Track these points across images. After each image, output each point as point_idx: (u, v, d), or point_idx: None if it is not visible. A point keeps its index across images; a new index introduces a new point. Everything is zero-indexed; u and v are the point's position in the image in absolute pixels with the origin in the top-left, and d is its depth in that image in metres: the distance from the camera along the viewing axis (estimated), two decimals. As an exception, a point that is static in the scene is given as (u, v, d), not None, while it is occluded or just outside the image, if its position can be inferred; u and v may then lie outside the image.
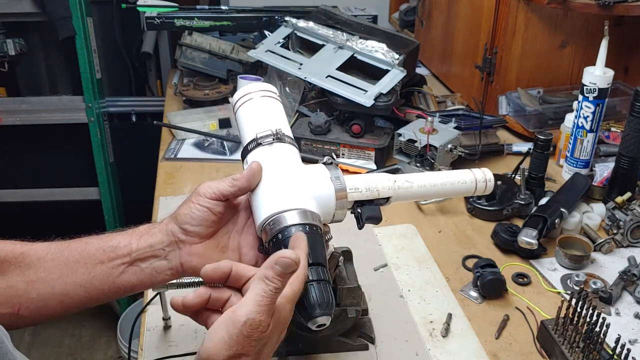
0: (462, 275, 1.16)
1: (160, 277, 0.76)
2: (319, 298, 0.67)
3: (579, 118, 1.43)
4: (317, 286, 0.67)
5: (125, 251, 0.74)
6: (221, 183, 0.74)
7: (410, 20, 2.38)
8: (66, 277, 0.73)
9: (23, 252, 0.74)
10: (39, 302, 0.73)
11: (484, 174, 0.88)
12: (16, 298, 0.72)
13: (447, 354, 0.96)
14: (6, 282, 0.72)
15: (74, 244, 0.76)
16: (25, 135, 2.41)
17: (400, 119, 1.62)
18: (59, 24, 2.05)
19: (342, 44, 1.61)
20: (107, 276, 0.74)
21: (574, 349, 0.91)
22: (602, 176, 1.40)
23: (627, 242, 1.24)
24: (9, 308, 0.72)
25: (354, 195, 0.78)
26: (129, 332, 1.15)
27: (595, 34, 1.46)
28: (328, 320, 0.68)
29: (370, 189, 0.80)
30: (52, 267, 0.74)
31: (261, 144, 0.79)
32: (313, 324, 0.67)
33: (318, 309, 0.66)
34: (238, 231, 0.78)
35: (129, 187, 2.53)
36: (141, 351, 0.96)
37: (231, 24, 1.94)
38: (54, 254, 0.74)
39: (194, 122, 1.71)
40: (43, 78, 2.45)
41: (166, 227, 0.76)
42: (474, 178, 0.87)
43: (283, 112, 0.86)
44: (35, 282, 0.73)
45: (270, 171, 0.76)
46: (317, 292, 0.67)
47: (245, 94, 0.86)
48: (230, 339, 0.61)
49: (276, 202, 0.73)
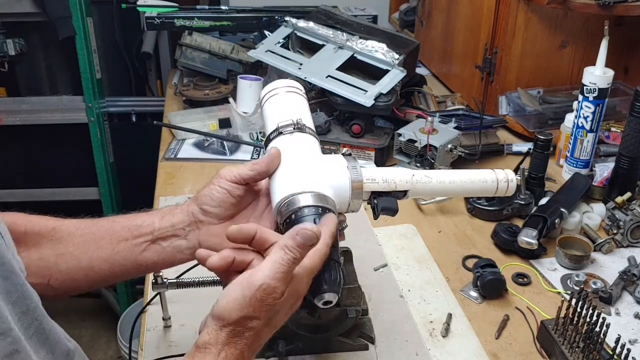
0: (462, 275, 1.16)
1: (180, 256, 0.79)
2: (327, 275, 0.68)
3: (579, 118, 1.43)
4: (327, 264, 0.69)
5: (148, 230, 0.78)
6: (241, 167, 0.78)
7: (410, 20, 2.38)
8: (92, 252, 0.78)
9: (55, 227, 0.79)
10: (67, 274, 0.77)
11: (506, 175, 0.87)
12: (46, 270, 0.77)
13: (447, 354, 0.96)
14: (38, 254, 0.77)
15: (102, 222, 0.80)
16: (25, 135, 2.41)
17: (400, 119, 1.62)
18: (59, 24, 2.05)
19: (342, 44, 1.61)
20: (130, 253, 0.78)
21: (574, 349, 0.91)
22: (602, 176, 1.40)
23: (627, 242, 1.24)
24: (40, 278, 0.76)
25: (371, 186, 0.79)
26: (129, 332, 1.15)
27: (595, 34, 1.46)
28: (335, 298, 0.69)
29: (388, 180, 0.80)
30: (80, 242, 0.78)
31: (282, 132, 0.81)
32: (320, 300, 0.68)
33: (325, 285, 0.68)
34: (257, 216, 0.81)
35: (129, 187, 2.53)
36: (141, 351, 0.96)
37: (231, 24, 1.94)
38: (82, 229, 0.79)
39: (194, 122, 1.71)
40: (43, 78, 2.45)
41: (187, 208, 0.79)
42: (496, 177, 0.86)
43: (306, 106, 0.88)
44: (65, 255, 0.77)
45: (289, 157, 0.78)
46: (326, 269, 0.68)
47: (271, 89, 0.89)
48: (243, 300, 0.63)
49: (291, 184, 0.74)
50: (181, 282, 0.96)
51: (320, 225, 0.69)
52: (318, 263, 0.67)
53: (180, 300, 1.03)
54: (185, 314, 1.02)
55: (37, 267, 0.76)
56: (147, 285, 1.10)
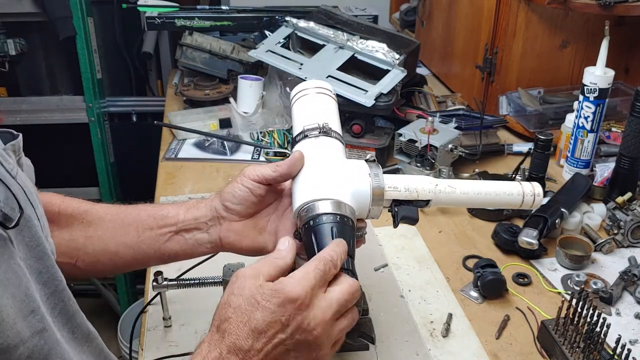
0: (462, 275, 1.16)
1: (201, 249, 0.82)
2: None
3: (579, 118, 1.43)
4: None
5: (172, 221, 0.81)
6: (265, 167, 0.79)
7: (410, 20, 2.38)
8: (119, 237, 0.81)
9: (87, 210, 0.82)
10: (94, 257, 0.81)
11: (533, 188, 0.85)
12: (75, 250, 0.80)
13: (448, 354, 0.96)
14: (69, 235, 0.80)
15: (131, 209, 0.83)
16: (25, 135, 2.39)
17: (400, 119, 1.62)
18: (59, 24, 2.05)
19: (342, 44, 1.61)
20: (154, 242, 0.81)
21: (575, 349, 0.91)
22: (603, 176, 1.39)
23: (628, 242, 1.24)
24: (69, 258, 0.79)
25: (392, 194, 0.79)
26: (129, 332, 1.15)
27: (596, 34, 1.46)
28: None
29: (410, 189, 0.80)
30: (109, 227, 0.81)
31: (307, 136, 0.82)
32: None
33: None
34: (278, 216, 0.82)
35: (129, 187, 2.53)
36: (141, 351, 0.96)
37: (232, 24, 1.94)
38: (112, 215, 0.82)
39: (194, 122, 1.71)
40: (43, 78, 2.45)
41: (211, 203, 0.81)
42: (522, 191, 0.84)
43: (335, 109, 0.88)
44: (93, 238, 0.81)
45: (312, 161, 0.78)
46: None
47: (301, 90, 0.90)
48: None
49: (312, 190, 0.75)
50: (181, 282, 0.96)
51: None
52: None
53: (180, 300, 1.03)
54: (185, 314, 1.02)
55: (67, 247, 0.79)
56: (147, 285, 1.10)
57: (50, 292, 0.58)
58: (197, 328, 0.99)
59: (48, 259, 0.58)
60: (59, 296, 0.59)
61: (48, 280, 0.58)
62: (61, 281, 0.60)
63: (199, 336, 0.98)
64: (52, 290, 0.58)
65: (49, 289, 0.58)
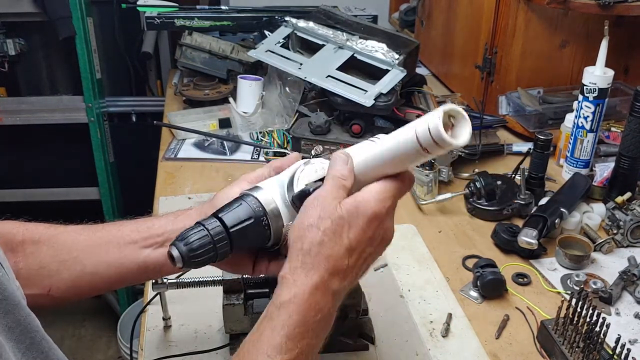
0: (462, 275, 1.16)
1: None
2: None
3: (579, 118, 1.43)
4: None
5: (159, 231, 0.76)
6: (261, 169, 0.76)
7: (410, 20, 2.37)
8: (98, 256, 0.75)
9: (55, 234, 0.76)
10: (70, 281, 0.75)
11: (427, 123, 0.61)
12: (48, 279, 0.74)
13: (447, 354, 0.96)
14: (38, 264, 0.74)
15: (109, 226, 0.78)
16: (25, 135, 2.41)
17: (400, 119, 1.62)
18: (59, 24, 2.05)
19: (342, 44, 1.61)
20: (137, 255, 0.75)
21: (574, 349, 0.91)
22: (602, 176, 1.39)
23: (627, 242, 1.24)
24: (40, 289, 0.73)
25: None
26: (129, 332, 1.15)
27: (595, 34, 1.46)
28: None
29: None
30: (85, 246, 0.75)
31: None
32: None
33: None
34: None
35: (129, 187, 2.53)
36: (141, 351, 0.96)
37: (231, 24, 1.94)
38: (87, 234, 0.76)
39: (194, 122, 1.71)
40: (43, 78, 2.45)
41: (202, 209, 0.76)
42: (415, 135, 0.61)
43: None
44: (67, 261, 0.74)
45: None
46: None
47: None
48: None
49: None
50: (181, 282, 0.96)
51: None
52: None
53: (180, 300, 1.03)
54: (185, 314, 1.02)
55: (37, 276, 0.73)
56: (147, 285, 1.10)
57: (25, 347, 0.54)
58: (197, 328, 1.00)
59: (20, 310, 0.53)
60: (37, 348, 0.55)
61: (21, 334, 0.53)
62: (37, 331, 0.55)
63: (199, 336, 0.98)
64: (27, 344, 0.54)
65: (23, 344, 0.53)
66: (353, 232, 0.63)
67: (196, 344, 0.96)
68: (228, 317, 0.91)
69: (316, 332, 0.62)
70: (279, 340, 0.59)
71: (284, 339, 0.59)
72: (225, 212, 0.67)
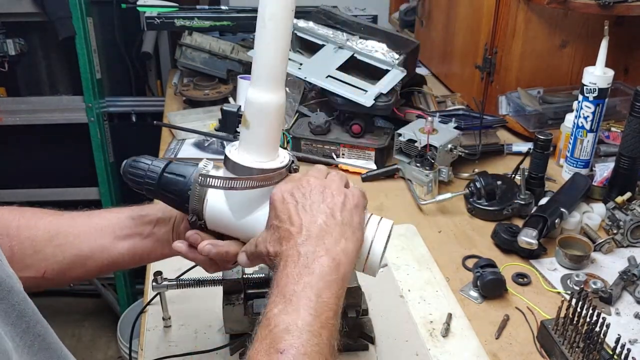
0: (462, 275, 1.16)
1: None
2: None
3: (579, 118, 1.43)
4: None
5: (152, 218, 0.81)
6: None
7: (410, 20, 2.37)
8: (93, 240, 0.79)
9: (51, 220, 0.79)
10: (64, 264, 0.78)
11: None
12: (43, 262, 0.77)
13: (447, 354, 0.96)
14: (34, 248, 0.77)
15: (105, 213, 0.82)
16: (25, 135, 2.41)
17: (400, 119, 1.62)
18: (59, 24, 2.05)
19: (342, 44, 1.61)
20: (129, 241, 0.80)
21: (574, 349, 0.91)
22: (602, 176, 1.40)
23: (627, 242, 1.24)
24: (35, 272, 0.76)
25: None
26: (129, 332, 1.15)
27: (595, 34, 1.46)
28: None
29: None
30: (80, 231, 0.79)
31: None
32: None
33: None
34: None
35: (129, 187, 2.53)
36: (141, 351, 0.96)
37: (231, 24, 1.94)
38: (84, 218, 0.80)
39: (194, 122, 1.71)
40: (43, 78, 2.45)
41: None
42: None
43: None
44: (64, 245, 0.78)
45: None
46: None
47: None
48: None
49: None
50: (181, 282, 0.96)
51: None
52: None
53: (180, 300, 1.03)
54: (185, 314, 1.02)
55: (33, 260, 0.76)
56: (147, 285, 1.10)
57: (22, 330, 0.54)
58: (197, 328, 1.00)
59: (15, 295, 0.54)
60: (33, 332, 0.55)
61: (17, 319, 0.54)
62: (32, 316, 0.56)
63: (199, 336, 0.98)
64: (24, 328, 0.54)
65: (20, 327, 0.54)
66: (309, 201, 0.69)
67: (196, 344, 0.96)
68: (228, 317, 0.91)
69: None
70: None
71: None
72: (176, 163, 0.76)
